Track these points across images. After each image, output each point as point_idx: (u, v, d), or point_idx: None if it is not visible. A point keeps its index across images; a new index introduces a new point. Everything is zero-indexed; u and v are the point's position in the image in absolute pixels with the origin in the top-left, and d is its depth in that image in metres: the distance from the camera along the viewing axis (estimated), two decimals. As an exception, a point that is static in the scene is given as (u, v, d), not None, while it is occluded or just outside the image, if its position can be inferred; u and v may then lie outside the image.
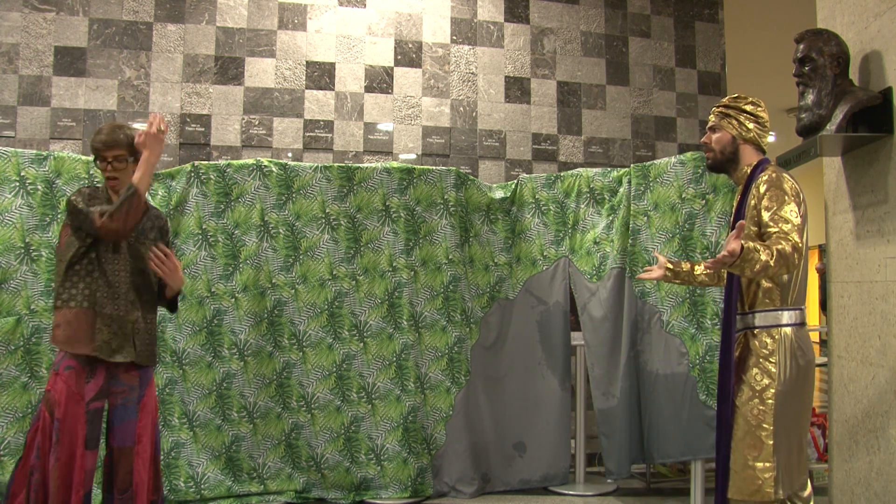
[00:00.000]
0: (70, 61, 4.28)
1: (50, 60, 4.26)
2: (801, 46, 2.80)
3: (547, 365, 4.11)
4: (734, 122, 2.51)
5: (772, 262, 2.10)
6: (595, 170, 4.17)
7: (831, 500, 3.04)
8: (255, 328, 3.79)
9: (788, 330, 2.37)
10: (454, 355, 3.99)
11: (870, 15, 2.80)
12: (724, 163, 2.55)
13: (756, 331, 2.40)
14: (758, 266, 2.10)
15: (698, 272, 2.74)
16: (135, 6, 4.40)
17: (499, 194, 4.19)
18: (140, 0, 4.41)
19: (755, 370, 2.35)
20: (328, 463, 3.80)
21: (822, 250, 3.32)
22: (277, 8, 4.58)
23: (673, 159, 3.86)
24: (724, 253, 2.07)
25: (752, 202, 2.39)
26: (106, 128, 2.64)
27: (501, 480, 4.04)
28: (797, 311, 2.41)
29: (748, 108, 2.51)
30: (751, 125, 2.50)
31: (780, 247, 2.14)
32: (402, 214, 3.97)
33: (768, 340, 2.37)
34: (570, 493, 4.01)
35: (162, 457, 3.63)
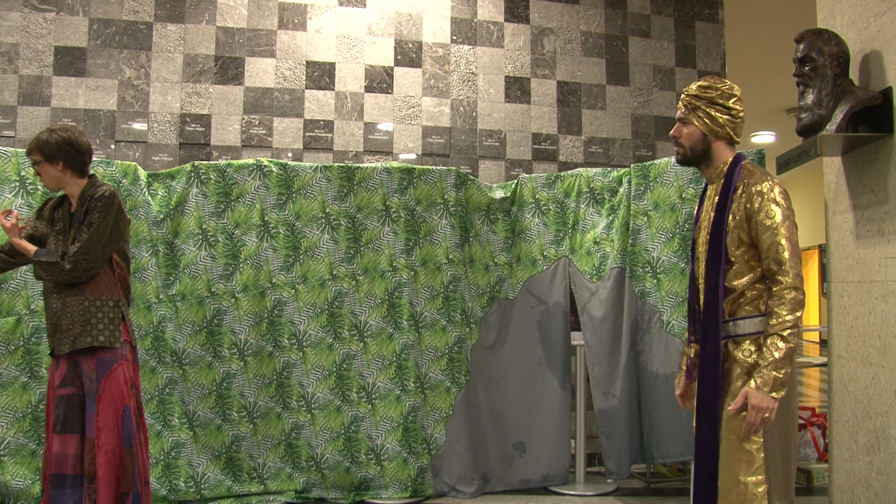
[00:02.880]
0: (70, 61, 4.28)
1: (50, 60, 4.26)
2: (801, 46, 2.80)
3: (547, 365, 4.11)
4: (704, 116, 2.26)
5: (793, 332, 2.07)
6: (595, 170, 4.17)
7: (831, 500, 3.04)
8: (255, 328, 3.79)
9: None
10: (454, 355, 3.98)
11: (870, 15, 2.80)
12: (694, 159, 2.34)
13: (739, 339, 2.23)
14: (785, 351, 2.07)
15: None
16: (135, 6, 4.40)
17: (499, 194, 4.19)
18: (140, 0, 4.41)
19: (740, 382, 2.18)
20: (328, 463, 3.80)
21: (822, 250, 3.30)
22: (277, 8, 4.58)
23: (673, 159, 3.86)
24: (752, 414, 2.06)
25: (741, 212, 2.20)
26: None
27: (501, 480, 4.03)
28: None
29: (720, 100, 2.24)
30: (723, 119, 2.24)
31: (786, 304, 2.10)
32: (402, 214, 3.97)
33: (752, 348, 2.19)
34: (570, 493, 4.01)
35: (160, 453, 3.63)
